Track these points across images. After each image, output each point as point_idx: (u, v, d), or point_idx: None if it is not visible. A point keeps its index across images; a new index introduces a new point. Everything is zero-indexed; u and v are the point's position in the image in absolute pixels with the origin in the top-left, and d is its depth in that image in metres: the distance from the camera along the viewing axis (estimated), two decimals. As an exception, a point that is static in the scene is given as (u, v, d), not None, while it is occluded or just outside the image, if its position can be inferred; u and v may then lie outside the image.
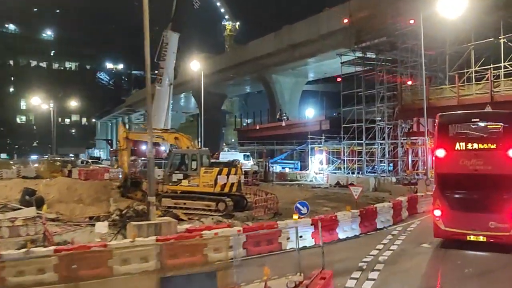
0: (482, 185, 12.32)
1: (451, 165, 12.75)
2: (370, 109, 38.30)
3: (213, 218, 18.08)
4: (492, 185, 12.22)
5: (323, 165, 42.60)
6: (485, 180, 12.27)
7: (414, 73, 34.87)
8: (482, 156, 12.30)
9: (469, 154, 12.41)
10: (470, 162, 12.34)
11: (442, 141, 13.15)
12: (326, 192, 30.44)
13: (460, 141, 12.78)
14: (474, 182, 12.43)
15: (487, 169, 12.22)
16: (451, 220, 12.56)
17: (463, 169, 12.46)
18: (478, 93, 26.64)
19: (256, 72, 62.12)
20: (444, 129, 13.28)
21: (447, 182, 12.95)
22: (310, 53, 49.53)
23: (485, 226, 12.06)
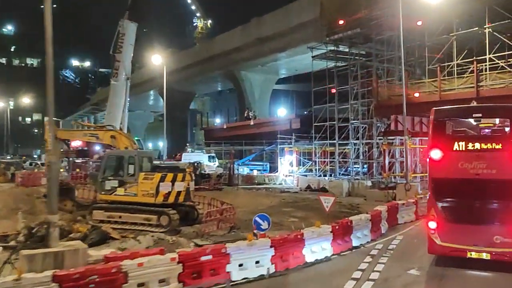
0: (486, 192, 10.79)
1: (449, 168, 11.12)
2: (343, 107, 35.62)
3: (154, 235, 14.71)
4: (497, 192, 10.67)
5: (293, 167, 39.65)
6: (488, 186, 10.71)
7: (390, 67, 32.30)
8: (485, 158, 10.66)
9: (470, 155, 10.78)
10: (471, 165, 10.72)
11: (438, 141, 11.37)
12: (295, 198, 27.39)
13: (459, 140, 11.12)
14: (475, 189, 10.83)
15: (491, 173, 10.60)
16: (449, 234, 10.96)
17: (462, 174, 10.84)
18: (462, 88, 24.10)
19: (224, 68, 58.87)
20: (440, 126, 11.47)
21: (443, 189, 11.26)
22: (280, 48, 46.58)
23: (489, 241, 10.51)
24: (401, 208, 18.64)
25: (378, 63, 32.27)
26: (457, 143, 11.07)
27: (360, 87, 33.12)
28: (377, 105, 28.41)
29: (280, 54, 48.42)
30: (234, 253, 10.70)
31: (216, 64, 58.60)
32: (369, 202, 25.46)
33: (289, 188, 35.47)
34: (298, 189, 34.30)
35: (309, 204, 24.28)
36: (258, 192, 31.34)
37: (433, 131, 11.58)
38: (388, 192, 25.18)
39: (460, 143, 11.06)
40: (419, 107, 26.06)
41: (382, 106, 28.31)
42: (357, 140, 33.28)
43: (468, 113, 11.87)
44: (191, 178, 16.49)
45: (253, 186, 35.19)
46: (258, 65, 54.99)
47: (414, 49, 31.48)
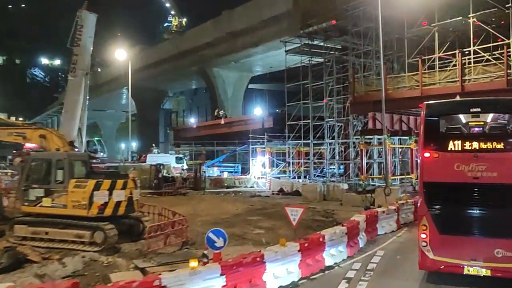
0: (486, 199, 9.62)
1: (443, 171, 9.93)
2: (318, 105, 33.47)
3: (85, 256, 12.09)
4: (499, 198, 9.51)
5: (266, 169, 37.31)
6: (489, 192, 9.55)
7: (367, 62, 30.21)
8: (485, 159, 9.48)
9: (467, 156, 9.60)
10: (468, 168, 9.55)
11: (430, 139, 10.17)
12: (265, 203, 24.99)
13: (455, 139, 9.93)
14: (474, 195, 9.69)
15: (492, 177, 9.39)
16: (443, 247, 9.79)
17: (458, 177, 9.67)
18: (445, 82, 22.08)
19: (196, 65, 56.11)
20: (433, 123, 10.33)
21: (437, 195, 10.07)
22: (253, 42, 44.14)
23: (489, 255, 9.33)
24: (381, 217, 16.43)
25: (355, 57, 30.16)
26: (452, 142, 9.83)
27: (336, 84, 31.09)
28: (353, 101, 26.22)
29: (253, 50, 45.95)
30: (172, 286, 8.22)
31: (187, 61, 55.85)
32: (346, 208, 23.35)
33: (261, 191, 33.15)
34: (270, 192, 32.01)
35: (279, 211, 21.80)
36: (225, 196, 28.84)
37: (425, 129, 10.33)
38: (366, 196, 23.01)
39: (455, 142, 9.81)
40: (398, 104, 24.02)
41: (358, 102, 26.13)
42: (332, 139, 31.15)
43: (465, 107, 10.64)
44: (134, 185, 13.85)
45: (221, 190, 32.68)
46: (231, 61, 52.45)
47: (393, 42, 29.48)
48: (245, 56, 49.05)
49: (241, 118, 45.98)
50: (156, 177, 29.87)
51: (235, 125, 45.22)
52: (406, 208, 18.71)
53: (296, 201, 26.17)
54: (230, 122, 46.40)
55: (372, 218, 15.79)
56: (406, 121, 27.39)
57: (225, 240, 10.31)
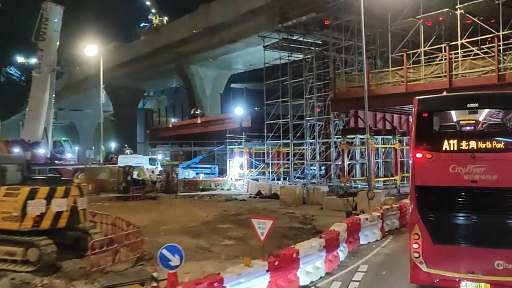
0: (484, 205, 8.80)
1: (437, 174, 9.10)
2: (298, 103, 31.88)
3: (15, 278, 10.17)
4: (500, 204, 8.72)
5: (244, 170, 35.53)
6: (488, 196, 8.77)
7: (348, 58, 28.69)
8: (484, 160, 8.67)
9: (464, 157, 8.80)
10: (465, 170, 8.76)
11: (423, 138, 9.27)
12: (240, 208, 23.19)
13: (450, 137, 9.08)
14: (471, 200, 8.90)
15: (492, 180, 8.60)
16: (437, 258, 8.96)
17: (454, 181, 8.88)
18: (432, 77, 20.59)
19: (172, 62, 53.89)
20: (426, 120, 9.43)
21: (430, 200, 9.21)
22: (230, 38, 42.27)
23: (489, 267, 8.52)
24: (364, 225, 14.79)
25: (336, 53, 28.63)
26: (447, 142, 8.94)
27: (316, 80, 29.52)
28: (334, 98, 24.61)
29: (231, 46, 44.06)
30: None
31: (163, 58, 53.62)
32: (326, 212, 21.73)
33: (239, 194, 31.38)
34: (248, 195, 30.23)
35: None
36: (198, 201, 26.94)
37: (416, 127, 9.37)
38: (348, 200, 21.37)
39: (451, 141, 8.92)
40: (382, 101, 22.53)
41: (339, 99, 24.52)
42: (313, 139, 29.55)
43: (461, 102, 9.62)
44: (80, 193, 11.90)
45: (196, 193, 30.75)
46: (209, 58, 50.49)
47: (375, 37, 28.07)
48: (223, 52, 47.17)
49: (218, 117, 44.05)
50: (125, 180, 27.81)
51: (212, 124, 43.27)
52: (391, 213, 17.16)
53: (274, 205, 24.47)
54: (207, 121, 44.43)
55: (354, 227, 14.16)
56: (389, 120, 25.90)
57: (181, 258, 8.53)
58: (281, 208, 23.25)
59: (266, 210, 22.39)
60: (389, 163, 28.13)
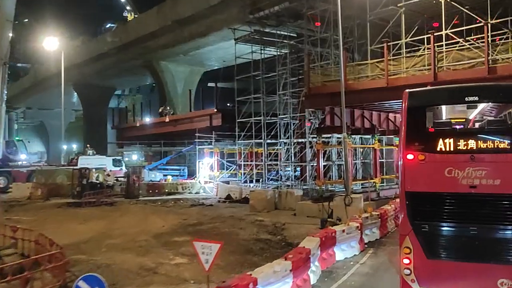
0: (485, 214, 7.79)
1: (431, 178, 8.14)
2: (272, 100, 29.71)
3: None
4: (502, 213, 7.72)
5: (214, 172, 33.20)
6: (489, 204, 7.77)
7: (324, 52, 26.64)
8: (485, 162, 7.71)
9: (462, 159, 7.84)
10: (463, 174, 7.77)
11: (414, 137, 8.28)
12: (204, 215, 20.90)
13: (446, 136, 8.08)
14: (471, 209, 7.89)
15: (494, 185, 7.60)
16: (432, 276, 7.98)
17: (451, 186, 7.89)
18: (414, 70, 18.65)
19: (141, 58, 51.01)
20: (418, 116, 8.42)
21: (423, 209, 8.21)
22: (201, 32, 39.71)
23: (490, 285, 7.52)
24: (340, 238, 12.69)
25: (311, 46, 26.55)
26: (442, 141, 8.04)
27: (291, 76, 27.43)
28: (308, 93, 22.46)
29: (202, 40, 41.50)
30: None
31: (131, 54, 50.70)
32: (300, 219, 19.67)
33: (207, 198, 29.05)
34: (217, 199, 27.93)
35: (218, 226, 17.86)
36: (160, 206, 24.43)
37: (407, 124, 8.40)
38: (324, 206, 19.23)
39: (447, 140, 8.01)
40: (360, 96, 20.51)
41: (314, 95, 22.39)
42: (287, 139, 27.44)
43: (459, 95, 8.54)
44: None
45: (160, 198, 28.23)
46: (179, 54, 47.81)
47: (353, 28, 26.10)
48: (195, 47, 44.61)
49: (187, 116, 41.52)
50: (79, 184, 25.17)
51: (181, 123, 40.72)
52: (371, 222, 15.16)
53: (243, 211, 22.25)
54: (176, 120, 41.86)
55: (328, 241, 12.05)
56: (368, 117, 23.93)
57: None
58: (250, 215, 21.04)
59: (233, 217, 20.15)
60: (368, 164, 26.25)
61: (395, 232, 16.39)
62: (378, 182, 23.32)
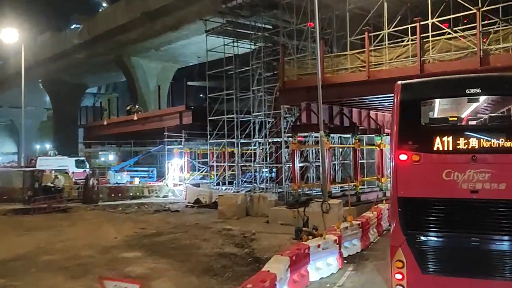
0: (489, 223, 6.99)
1: (427, 182, 7.33)
2: (246, 96, 27.66)
3: None
4: (508, 222, 6.87)
5: (184, 173, 31.01)
6: (494, 212, 6.97)
7: (301, 46, 24.70)
8: (488, 164, 6.91)
9: (462, 159, 7.06)
10: (463, 177, 7.00)
11: (408, 135, 7.46)
12: (166, 223, 18.76)
13: (444, 134, 7.25)
14: (472, 217, 7.10)
15: (498, 190, 6.84)
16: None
17: (449, 191, 7.12)
18: (398, 62, 16.83)
19: (111, 53, 48.47)
20: (412, 111, 7.61)
21: (418, 217, 7.41)
22: (172, 25, 37.47)
23: None
24: (314, 254, 10.70)
25: (287, 38, 24.59)
26: (439, 139, 7.26)
27: (266, 71, 25.41)
28: (283, 87, 20.47)
29: (173, 34, 39.24)
30: None
31: (100, 48, 48.08)
32: (272, 228, 17.73)
33: (176, 202, 26.94)
34: (186, 203, 25.78)
35: (179, 237, 15.71)
36: (118, 213, 22.11)
37: (400, 120, 7.67)
38: (299, 212, 17.28)
39: (445, 138, 7.23)
40: (339, 91, 18.65)
41: (289, 90, 20.40)
42: (262, 138, 25.42)
43: (459, 87, 7.71)
44: None
45: (123, 202, 25.90)
46: (151, 48, 45.42)
47: (332, 20, 24.29)
48: (167, 42, 42.34)
49: (155, 113, 39.07)
50: (31, 188, 22.68)
51: (150, 121, 38.35)
52: (351, 233, 13.26)
53: (211, 218, 20.20)
54: (144, 118, 39.44)
55: (300, 260, 10.09)
56: (348, 115, 22.05)
57: None
58: (218, 222, 18.98)
59: (198, 226, 18.06)
60: (348, 165, 24.46)
61: (378, 243, 14.62)
62: (358, 184, 21.50)
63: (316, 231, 15.11)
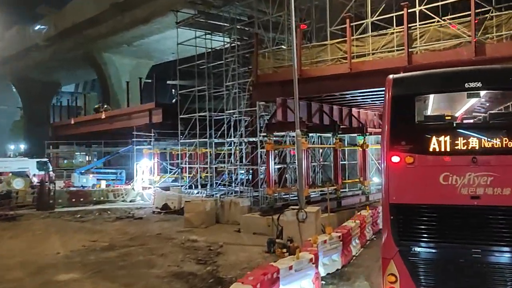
0: (491, 233, 6.48)
1: (422, 187, 6.87)
2: (221, 93, 25.65)
3: None
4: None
5: (154, 176, 28.85)
6: (497, 220, 6.44)
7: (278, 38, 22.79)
8: (491, 166, 6.45)
9: (462, 161, 6.58)
10: (463, 181, 6.50)
11: (401, 135, 6.97)
12: (124, 234, 16.64)
13: (441, 133, 6.79)
14: (472, 226, 6.58)
15: (502, 195, 6.32)
16: None
17: (447, 197, 6.64)
18: (382, 53, 15.04)
19: (81, 48, 46.02)
20: (405, 108, 7.09)
21: (413, 226, 6.95)
22: (143, 18, 35.29)
23: None
24: (285, 278, 8.79)
25: (263, 30, 22.67)
26: (436, 139, 6.69)
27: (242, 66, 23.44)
28: (256, 82, 18.49)
29: (146, 28, 37.00)
30: None
31: (69, 43, 45.66)
32: (244, 238, 15.87)
33: (143, 207, 24.84)
34: (154, 209, 23.67)
35: (133, 252, 13.62)
36: (74, 221, 19.84)
37: (392, 118, 7.01)
38: (274, 221, 15.36)
39: (442, 138, 6.65)
40: (318, 85, 16.78)
41: (264, 84, 18.42)
42: (237, 137, 23.43)
43: (457, 81, 6.90)
44: None
45: (84, 208, 23.65)
46: (123, 43, 43.06)
47: (311, 10, 22.48)
48: (139, 36, 40.05)
49: (124, 111, 36.67)
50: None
51: (118, 120, 36.05)
52: (331, 248, 11.41)
53: (177, 226, 18.18)
54: (112, 116, 37.08)
55: (267, 285, 8.12)
56: (328, 112, 20.22)
57: None
58: (183, 232, 16.97)
59: (159, 236, 16.00)
60: (328, 167, 22.67)
61: (361, 256, 12.86)
62: (339, 188, 19.70)
63: (291, 243, 13.29)
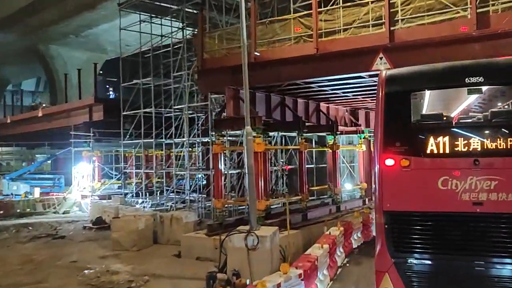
0: (496, 244, 5.92)
1: (419, 193, 6.34)
2: (168, 86, 22.05)
3: None
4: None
5: (94, 182, 24.97)
6: (502, 230, 5.88)
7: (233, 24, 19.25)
8: (494, 170, 5.88)
9: (462, 165, 6.01)
10: (464, 186, 5.94)
11: (396, 136, 6.44)
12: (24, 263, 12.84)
13: (438, 134, 6.20)
14: (474, 236, 6.05)
15: (507, 202, 5.76)
16: None
17: (447, 203, 6.09)
18: (357, 28, 11.80)
19: (24, 40, 41.43)
20: (399, 106, 6.53)
21: (409, 236, 6.44)
22: (88, 4, 31.30)
23: None
24: None
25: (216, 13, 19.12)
26: (433, 140, 6.14)
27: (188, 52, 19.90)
28: (202, 68, 14.94)
29: (91, 15, 32.94)
30: None
31: (10, 34, 40.94)
32: (182, 267, 12.43)
33: (78, 220, 20.94)
34: (88, 223, 19.84)
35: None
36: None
37: (385, 117, 6.45)
38: (220, 244, 11.85)
39: (440, 139, 6.11)
40: (278, 71, 13.41)
41: (210, 71, 14.84)
42: (183, 138, 19.87)
43: (456, 76, 6.36)
44: None
45: (2, 223, 19.61)
46: (69, 34, 38.79)
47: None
48: (85, 25, 35.92)
49: (61, 109, 32.32)
50: None
51: (56, 118, 31.88)
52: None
53: (103, 248, 14.49)
54: (50, 114, 32.86)
55: None
56: (291, 106, 16.88)
57: None
58: (106, 258, 13.33)
59: (70, 266, 12.28)
60: (294, 172, 19.39)
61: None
62: (305, 198, 16.40)
63: (238, 279, 9.90)
